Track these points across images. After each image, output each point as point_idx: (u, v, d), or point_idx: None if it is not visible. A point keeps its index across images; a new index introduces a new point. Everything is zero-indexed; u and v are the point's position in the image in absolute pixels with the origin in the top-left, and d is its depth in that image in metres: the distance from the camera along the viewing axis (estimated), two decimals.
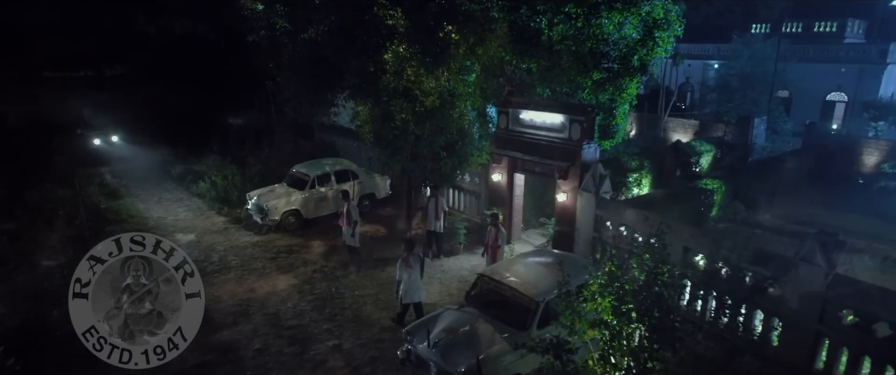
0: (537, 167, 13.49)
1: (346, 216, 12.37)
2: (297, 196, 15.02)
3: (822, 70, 27.74)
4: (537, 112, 13.00)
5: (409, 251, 9.84)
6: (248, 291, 11.61)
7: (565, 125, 12.52)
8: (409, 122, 10.78)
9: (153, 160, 22.54)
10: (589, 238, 12.28)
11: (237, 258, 13.27)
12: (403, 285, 9.80)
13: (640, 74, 11.65)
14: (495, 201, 14.34)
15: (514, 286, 8.23)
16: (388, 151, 11.46)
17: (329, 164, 16.05)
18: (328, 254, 13.53)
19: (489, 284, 8.66)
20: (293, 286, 11.80)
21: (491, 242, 11.24)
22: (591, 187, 12.03)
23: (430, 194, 13.18)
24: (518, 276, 8.50)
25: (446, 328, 8.08)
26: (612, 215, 11.76)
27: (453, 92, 10.84)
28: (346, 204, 12.42)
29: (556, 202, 12.99)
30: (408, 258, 9.78)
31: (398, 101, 10.61)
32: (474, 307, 8.50)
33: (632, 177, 17.63)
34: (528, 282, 8.31)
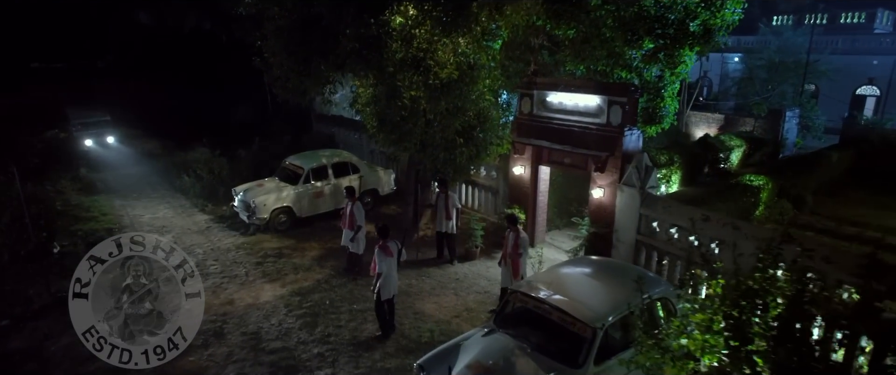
0: (567, 158, 11.36)
1: (349, 218, 10.26)
2: (289, 192, 12.90)
3: (852, 62, 25.61)
4: (569, 94, 10.86)
5: (385, 237, 8.13)
6: (226, 303, 9.50)
7: (602, 109, 10.38)
8: (420, 99, 8.68)
9: (140, 154, 20.46)
10: (631, 242, 10.14)
11: (217, 263, 11.16)
12: (383, 277, 8.05)
13: (703, 43, 9.46)
14: (516, 198, 12.21)
15: (561, 307, 6.09)
16: (395, 136, 9.33)
17: (326, 155, 13.91)
18: (323, 259, 11.41)
19: (524, 302, 6.52)
20: (280, 298, 9.68)
21: (509, 249, 8.80)
22: (634, 180, 9.91)
23: (439, 189, 11.06)
24: (563, 292, 6.36)
25: (472, 363, 5.95)
26: (661, 213, 9.63)
27: (474, 64, 8.73)
28: (350, 203, 10.31)
29: (591, 199, 10.87)
30: (386, 246, 8.05)
31: (407, 73, 8.50)
32: (506, 332, 6.37)
33: (661, 173, 15.64)
34: (578, 301, 6.17)
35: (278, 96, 11.38)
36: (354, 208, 10.18)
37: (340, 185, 13.57)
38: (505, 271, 8.97)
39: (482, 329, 6.63)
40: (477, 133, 10.09)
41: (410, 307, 9.34)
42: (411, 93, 8.80)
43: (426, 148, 10.33)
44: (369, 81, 9.90)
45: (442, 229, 11.14)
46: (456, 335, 8.40)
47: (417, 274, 10.66)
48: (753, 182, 13.66)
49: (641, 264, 10.09)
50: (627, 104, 10.03)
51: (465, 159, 10.46)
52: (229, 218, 13.70)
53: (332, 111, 20.35)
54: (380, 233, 8.23)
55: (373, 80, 9.22)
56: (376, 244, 8.20)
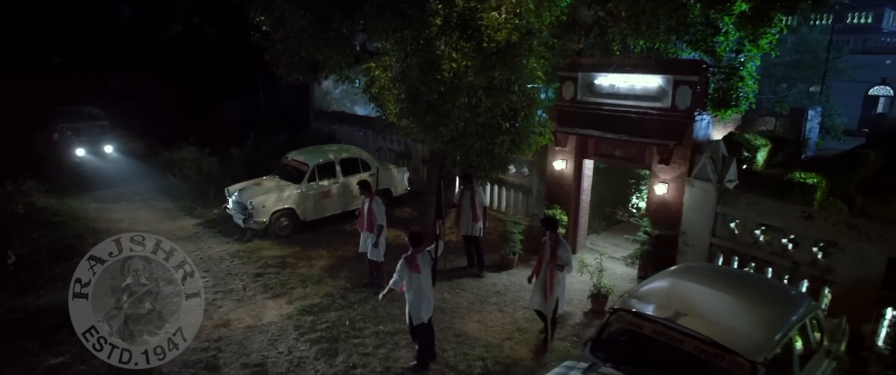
0: (618, 150, 9.65)
1: (367, 218, 8.41)
2: (291, 192, 10.97)
3: (864, 62, 24.47)
4: (623, 75, 9.16)
5: (417, 245, 6.20)
6: (220, 325, 7.56)
7: (665, 90, 8.70)
8: (464, 71, 6.88)
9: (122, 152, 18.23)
10: (704, 246, 8.44)
11: (209, 275, 9.19)
12: (411, 297, 6.20)
13: (815, 4, 7.68)
14: (555, 198, 10.45)
15: (701, 333, 4.31)
16: (430, 118, 7.48)
17: (333, 151, 12.02)
18: (335, 269, 9.51)
19: (636, 326, 4.72)
20: (287, 318, 7.76)
21: (548, 259, 6.74)
22: (709, 173, 8.22)
23: (463, 185, 9.33)
24: (694, 312, 4.58)
25: None
26: (745, 211, 7.95)
27: (530, 29, 6.97)
28: (367, 201, 8.47)
29: (651, 197, 9.16)
30: (414, 258, 6.15)
31: (450, 38, 6.71)
32: (618, 368, 4.56)
33: None
34: (723, 325, 4.39)
35: (282, 79, 9.49)
36: (374, 205, 8.35)
37: (350, 184, 11.70)
38: (538, 288, 6.93)
39: (578, 363, 4.81)
40: (520, 118, 8.30)
41: (450, 328, 7.50)
42: (453, 65, 7.01)
43: (459, 135, 8.54)
44: (394, 57, 8.07)
45: (468, 232, 9.33)
46: (513, 362, 6.61)
47: (450, 287, 8.84)
48: (808, 180, 12.13)
49: None
50: (698, 84, 8.37)
51: (505, 149, 8.66)
52: (221, 222, 11.71)
53: (333, 107, 18.59)
54: (412, 241, 6.25)
55: (405, 49, 7.38)
56: (403, 255, 6.26)
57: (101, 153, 16.41)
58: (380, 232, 8.38)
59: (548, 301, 6.83)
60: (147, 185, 14.85)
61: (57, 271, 9.20)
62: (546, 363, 6.58)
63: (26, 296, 8.37)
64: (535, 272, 7.03)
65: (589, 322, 7.86)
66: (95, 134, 16.42)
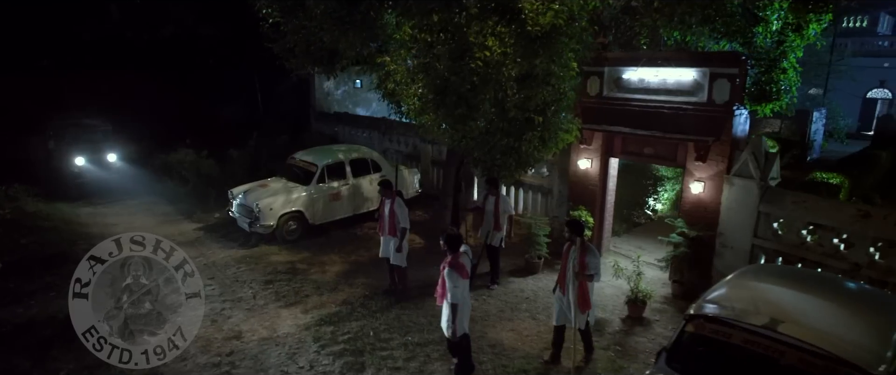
0: (648, 148, 9.14)
1: (389, 221, 7.72)
2: (300, 194, 10.31)
3: (862, 65, 24.41)
4: (653, 69, 8.67)
5: (456, 249, 5.55)
6: (231, 337, 6.87)
7: (701, 84, 8.21)
8: (502, 58, 6.30)
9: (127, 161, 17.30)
10: (745, 247, 7.92)
11: (214, 282, 8.50)
12: (461, 307, 5.52)
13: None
14: (579, 199, 9.90)
15: (807, 342, 3.75)
16: (460, 111, 6.89)
17: (343, 151, 11.38)
18: (350, 276, 8.86)
19: (722, 335, 4.14)
20: (304, 329, 7.09)
21: (577, 268, 5.89)
22: (751, 170, 7.73)
23: (488, 190, 8.44)
24: (793, 319, 4.02)
25: None
26: (792, 210, 7.45)
27: (572, 14, 6.42)
28: (389, 201, 7.77)
29: (685, 196, 8.64)
30: (460, 263, 5.47)
31: (487, 22, 6.14)
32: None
33: None
34: (830, 333, 3.84)
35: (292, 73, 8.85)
36: (396, 207, 7.64)
37: (361, 185, 11.08)
38: (563, 300, 6.12)
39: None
40: (550, 113, 7.74)
41: (482, 337, 6.87)
42: (486, 53, 6.44)
43: (483, 132, 7.96)
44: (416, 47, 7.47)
45: (491, 241, 8.29)
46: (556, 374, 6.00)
47: (475, 293, 8.19)
48: (831, 181, 11.75)
49: None
50: (738, 77, 7.89)
51: (533, 147, 8.09)
52: (223, 227, 11.02)
53: (334, 109, 17.94)
54: (450, 245, 5.57)
55: (433, 36, 6.78)
56: (445, 261, 5.56)
57: (103, 162, 14.40)
58: (403, 235, 7.71)
59: (582, 312, 6.03)
60: (142, 188, 14.06)
61: (48, 279, 8.47)
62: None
63: (15, 307, 7.62)
64: (559, 283, 6.18)
65: (629, 330, 7.30)
66: (96, 141, 14.37)
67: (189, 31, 20.07)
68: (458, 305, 5.47)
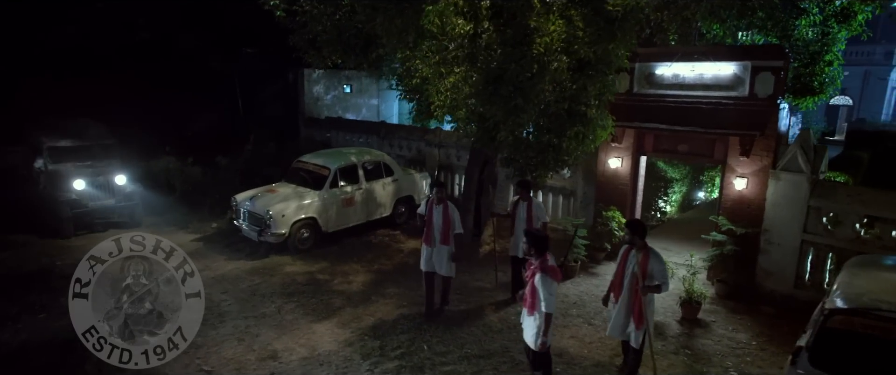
0: (683, 144, 8.85)
1: (442, 225, 6.80)
2: (313, 199, 9.48)
3: None
4: (689, 64, 8.40)
5: (543, 251, 4.95)
6: (267, 357, 6.03)
7: (741, 78, 7.98)
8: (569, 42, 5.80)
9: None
10: (793, 243, 7.68)
11: (229, 297, 7.58)
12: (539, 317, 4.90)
13: None
14: (609, 200, 9.50)
15: None
16: (518, 102, 6.32)
17: (354, 153, 10.61)
18: (379, 286, 8.11)
19: (879, 329, 3.72)
20: (346, 344, 6.31)
21: (639, 277, 5.22)
22: (800, 164, 7.51)
23: (519, 195, 7.52)
24: None
25: None
26: (845, 204, 7.26)
27: None
28: (441, 205, 6.88)
29: (727, 193, 8.36)
30: (548, 265, 4.90)
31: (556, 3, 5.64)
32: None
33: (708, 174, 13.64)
34: None
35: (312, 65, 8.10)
36: (451, 212, 6.85)
37: (374, 190, 10.35)
38: (619, 312, 5.46)
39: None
40: (595, 107, 7.31)
41: None
42: (545, 39, 5.93)
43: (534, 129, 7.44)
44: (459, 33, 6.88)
45: (519, 253, 7.14)
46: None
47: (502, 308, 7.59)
48: (838, 179, 11.84)
49: (808, 270, 7.66)
50: (782, 70, 7.70)
51: (575, 143, 7.63)
52: (223, 237, 10.06)
53: (324, 114, 17.09)
54: (536, 246, 4.94)
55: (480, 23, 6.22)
56: (535, 266, 4.90)
57: (111, 187, 10.43)
58: (459, 242, 6.92)
59: (638, 328, 5.33)
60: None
61: (32, 298, 7.35)
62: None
63: (0, 333, 6.50)
64: (613, 291, 5.52)
65: (690, 332, 6.87)
66: (99, 158, 10.69)
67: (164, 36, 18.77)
68: (552, 315, 4.88)
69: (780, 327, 7.00)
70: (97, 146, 10.87)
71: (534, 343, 5.01)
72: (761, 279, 8.04)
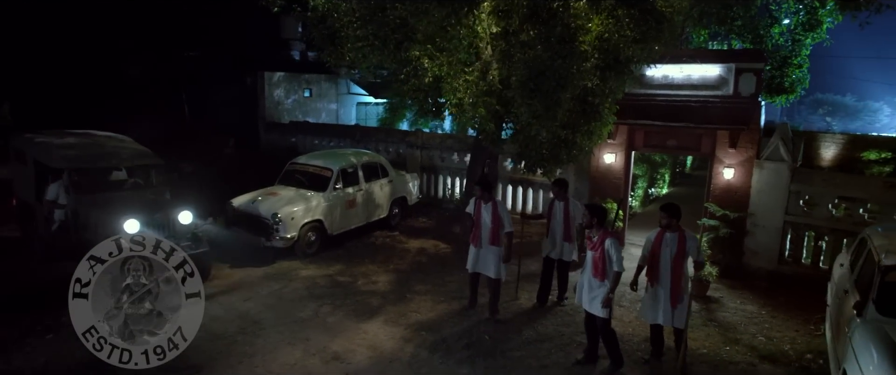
0: (672, 140, 9.62)
1: (491, 225, 6.59)
2: (318, 201, 9.17)
3: None
4: (677, 65, 9.20)
5: (603, 221, 5.47)
6: (331, 359, 5.79)
7: (725, 79, 8.88)
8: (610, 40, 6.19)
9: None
10: (777, 224, 8.63)
11: (257, 305, 7.13)
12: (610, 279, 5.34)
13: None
14: (602, 194, 10.07)
15: None
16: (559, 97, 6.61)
17: (352, 154, 10.38)
18: (405, 284, 8.01)
19: None
20: (406, 341, 6.22)
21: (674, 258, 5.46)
22: (782, 154, 8.48)
23: (555, 194, 7.17)
24: None
25: None
26: (821, 187, 8.30)
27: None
28: (491, 203, 6.68)
29: (716, 182, 9.18)
30: (614, 232, 5.66)
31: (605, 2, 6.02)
32: None
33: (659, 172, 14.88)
34: None
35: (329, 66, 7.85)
36: (500, 210, 6.69)
37: (372, 191, 10.20)
38: (657, 295, 5.61)
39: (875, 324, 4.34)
40: (607, 104, 7.82)
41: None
42: (588, 36, 6.30)
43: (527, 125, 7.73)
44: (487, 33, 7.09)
45: (558, 255, 7.18)
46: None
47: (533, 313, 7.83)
48: None
49: (789, 249, 8.65)
50: (762, 71, 8.68)
51: (587, 138, 8.10)
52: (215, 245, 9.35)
53: (285, 118, 16.46)
54: (599, 217, 5.39)
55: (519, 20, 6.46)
56: (602, 234, 5.33)
57: (173, 227, 7.54)
58: (510, 242, 6.67)
59: (677, 307, 5.51)
60: None
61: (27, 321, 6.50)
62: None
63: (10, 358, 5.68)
64: (649, 276, 5.63)
65: (706, 307, 7.51)
66: (147, 186, 8.17)
67: (101, 42, 17.07)
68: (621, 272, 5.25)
69: (777, 297, 7.85)
70: (141, 169, 8.19)
71: (600, 306, 5.30)
72: (748, 259, 8.93)
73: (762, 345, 6.38)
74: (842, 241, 7.95)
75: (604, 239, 5.32)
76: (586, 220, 5.50)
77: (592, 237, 5.43)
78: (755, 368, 5.88)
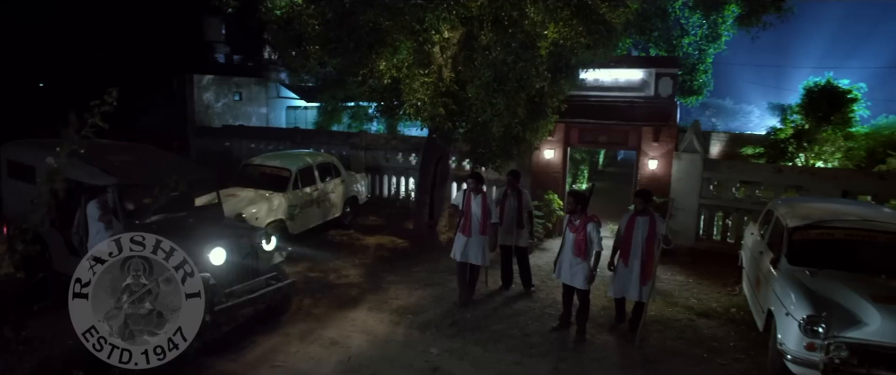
0: (603, 136, 10.80)
1: (481, 215, 7.00)
2: (280, 201, 9.21)
3: None
4: (606, 69, 10.38)
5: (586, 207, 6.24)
6: (327, 343, 6.02)
7: (647, 82, 10.22)
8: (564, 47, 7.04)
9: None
10: (693, 207, 10.02)
11: None
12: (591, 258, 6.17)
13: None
14: (543, 187, 11.03)
15: (887, 228, 5.45)
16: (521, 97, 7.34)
17: (308, 154, 10.49)
18: (375, 277, 8.33)
19: (826, 234, 5.68)
20: (395, 324, 6.58)
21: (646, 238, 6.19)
22: (696, 146, 9.89)
23: (509, 186, 7.75)
24: (868, 217, 5.71)
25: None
26: (727, 173, 9.79)
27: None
28: (480, 196, 7.05)
29: (643, 172, 10.48)
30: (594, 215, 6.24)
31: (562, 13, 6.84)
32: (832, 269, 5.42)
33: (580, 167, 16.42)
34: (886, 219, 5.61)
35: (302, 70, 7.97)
36: (489, 202, 7.12)
37: (327, 191, 10.39)
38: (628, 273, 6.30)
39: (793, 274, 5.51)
40: (554, 102, 8.74)
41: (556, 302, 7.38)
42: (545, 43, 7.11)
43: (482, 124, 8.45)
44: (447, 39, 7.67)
45: (513, 242, 7.66)
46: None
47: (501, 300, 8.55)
48: None
49: (703, 227, 10.08)
50: (677, 76, 10.07)
51: (534, 134, 8.97)
52: None
53: (215, 122, 15.91)
54: (581, 203, 6.27)
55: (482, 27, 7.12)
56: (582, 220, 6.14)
57: (257, 255, 6.55)
58: (495, 232, 7.16)
59: (645, 284, 6.21)
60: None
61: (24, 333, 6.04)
62: None
63: None
64: (622, 256, 6.31)
65: None
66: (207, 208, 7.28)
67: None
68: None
69: (700, 268, 9.15)
70: (201, 183, 7.07)
71: (582, 283, 6.07)
72: (672, 238, 10.27)
73: (696, 305, 7.53)
74: (743, 218, 9.49)
75: (586, 223, 6.04)
76: (570, 205, 6.25)
77: (574, 220, 6.16)
78: (694, 322, 6.96)
